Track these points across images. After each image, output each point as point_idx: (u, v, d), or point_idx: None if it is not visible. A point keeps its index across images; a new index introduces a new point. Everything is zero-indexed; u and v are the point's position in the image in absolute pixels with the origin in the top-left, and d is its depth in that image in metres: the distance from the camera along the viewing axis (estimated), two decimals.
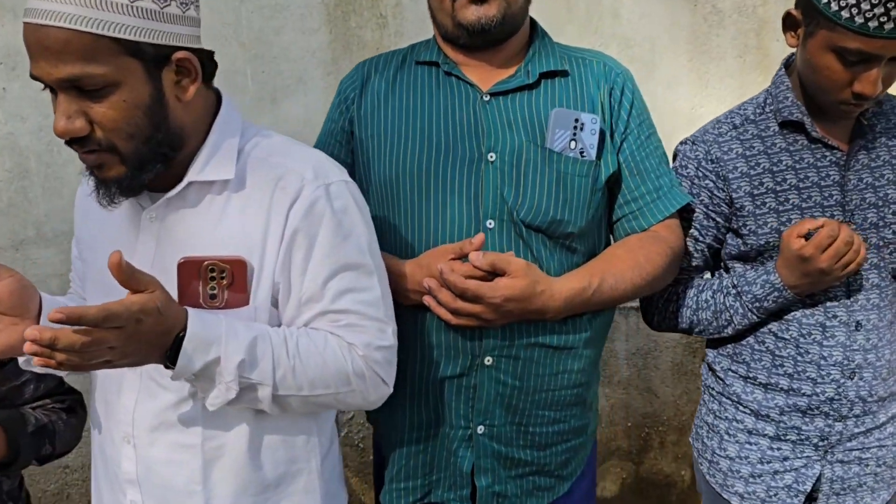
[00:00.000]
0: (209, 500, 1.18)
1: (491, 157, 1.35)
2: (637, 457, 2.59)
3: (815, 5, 1.29)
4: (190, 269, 1.12)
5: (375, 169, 1.41)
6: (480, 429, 1.35)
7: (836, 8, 1.26)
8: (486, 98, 1.39)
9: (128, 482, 1.20)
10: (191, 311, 1.07)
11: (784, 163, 1.43)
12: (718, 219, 1.48)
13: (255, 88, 2.05)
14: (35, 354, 0.94)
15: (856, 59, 1.29)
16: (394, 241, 1.38)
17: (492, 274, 1.25)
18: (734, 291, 1.46)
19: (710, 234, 1.50)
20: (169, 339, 1.04)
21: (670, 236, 1.42)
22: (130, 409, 1.18)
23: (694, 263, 1.53)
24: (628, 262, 1.36)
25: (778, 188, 1.43)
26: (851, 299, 1.42)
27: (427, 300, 1.29)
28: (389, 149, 1.40)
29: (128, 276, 0.98)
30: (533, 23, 1.48)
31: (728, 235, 1.50)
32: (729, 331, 1.50)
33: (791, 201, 1.42)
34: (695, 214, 1.50)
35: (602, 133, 1.39)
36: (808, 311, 1.44)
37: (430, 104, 1.41)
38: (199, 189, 1.15)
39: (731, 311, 1.47)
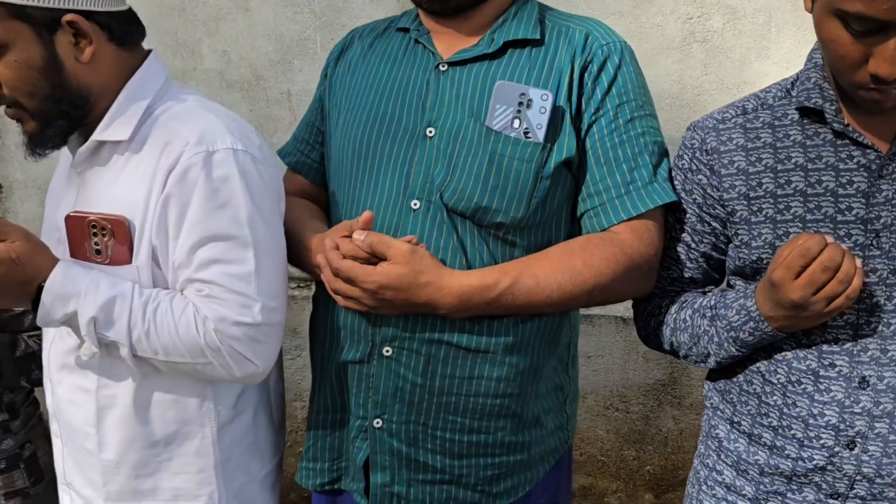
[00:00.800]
0: (102, 444, 1.23)
1: (430, 132, 1.23)
2: None
3: None
4: (76, 224, 1.16)
5: (330, 142, 1.36)
6: (377, 422, 1.25)
7: None
8: (444, 68, 1.27)
9: (51, 415, 1.31)
10: (60, 264, 1.11)
11: (793, 160, 1.13)
12: (714, 223, 1.21)
13: (324, 55, 2.07)
14: None
15: (862, 27, 0.96)
16: (334, 218, 1.32)
17: (378, 258, 1.14)
18: (710, 314, 1.19)
19: (706, 240, 1.23)
20: (31, 289, 1.09)
21: (632, 240, 1.20)
22: (47, 348, 1.27)
23: (687, 275, 1.28)
24: (560, 264, 1.17)
25: (779, 192, 1.13)
26: (859, 347, 1.09)
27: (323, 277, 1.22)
28: (342, 120, 1.33)
29: None
30: None
31: (730, 244, 1.22)
32: (711, 363, 1.23)
33: (793, 210, 1.12)
34: (687, 216, 1.24)
35: (558, 112, 1.20)
36: (800, 353, 1.13)
37: (389, 73, 1.31)
38: (109, 148, 1.19)
39: (708, 338, 1.20)
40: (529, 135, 1.19)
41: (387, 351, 1.22)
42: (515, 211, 1.20)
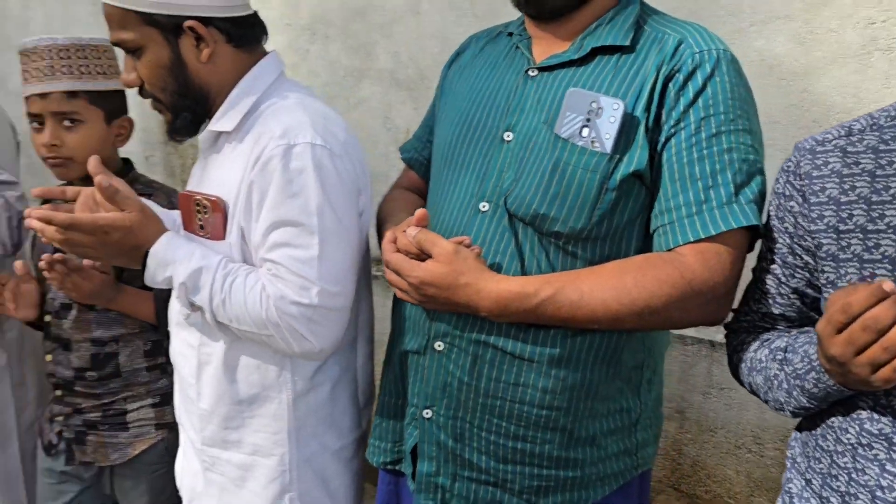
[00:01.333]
0: (200, 395, 1.41)
1: (507, 136, 1.24)
2: None
3: None
4: (186, 202, 1.33)
5: (433, 142, 1.42)
6: (427, 412, 1.28)
7: None
8: (533, 73, 1.26)
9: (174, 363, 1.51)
10: (165, 235, 1.29)
11: (892, 191, 0.97)
12: (806, 256, 1.08)
13: None
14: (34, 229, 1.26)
15: None
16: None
17: (426, 254, 1.18)
18: (780, 357, 1.07)
19: (798, 274, 1.10)
20: (140, 253, 1.28)
21: (696, 264, 1.11)
22: (173, 303, 1.47)
23: (777, 311, 1.15)
24: (610, 280, 1.12)
25: (870, 226, 0.98)
26: None
27: None
28: (442, 121, 1.38)
29: (109, 195, 1.25)
30: None
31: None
32: (787, 412, 1.09)
33: (882, 248, 0.96)
34: (778, 245, 1.12)
35: (632, 122, 1.15)
36: (874, 413, 0.97)
37: (487, 77, 1.34)
38: (223, 137, 1.35)
39: (777, 384, 1.07)
40: (596, 144, 1.15)
41: (438, 346, 1.25)
42: (575, 221, 1.16)
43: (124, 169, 1.81)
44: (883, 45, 1.71)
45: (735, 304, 1.20)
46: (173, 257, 1.27)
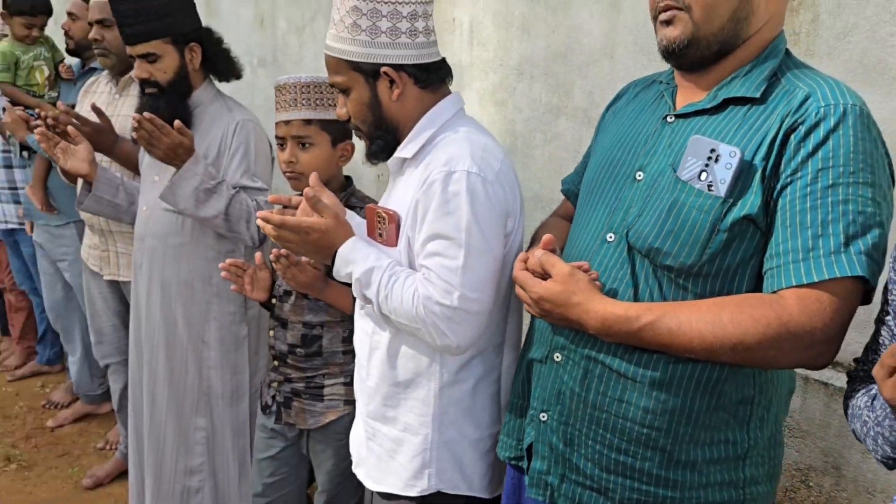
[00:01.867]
0: (369, 375, 1.69)
1: (639, 175, 1.37)
2: None
3: None
4: (370, 214, 1.63)
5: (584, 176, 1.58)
6: (543, 416, 1.43)
7: None
8: (670, 119, 1.39)
9: None
10: (351, 239, 1.59)
11: None
12: None
13: None
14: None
15: None
16: None
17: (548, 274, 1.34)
18: (870, 404, 1.08)
19: None
20: (331, 252, 1.60)
21: (794, 308, 1.16)
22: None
23: None
24: (707, 314, 1.20)
25: None
26: None
27: None
28: (592, 159, 1.54)
29: (312, 204, 1.58)
30: (773, 42, 1.34)
31: None
32: (880, 460, 1.10)
33: None
34: (892, 297, 1.13)
35: (748, 169, 1.23)
36: None
37: (634, 120, 1.48)
38: (407, 163, 1.63)
39: (866, 430, 1.08)
40: (712, 188, 1.24)
41: (557, 357, 1.41)
42: (686, 257, 1.26)
43: (345, 185, 2.18)
44: None
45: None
46: (354, 257, 1.57)
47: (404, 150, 1.61)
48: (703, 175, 1.26)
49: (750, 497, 1.37)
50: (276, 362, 2.19)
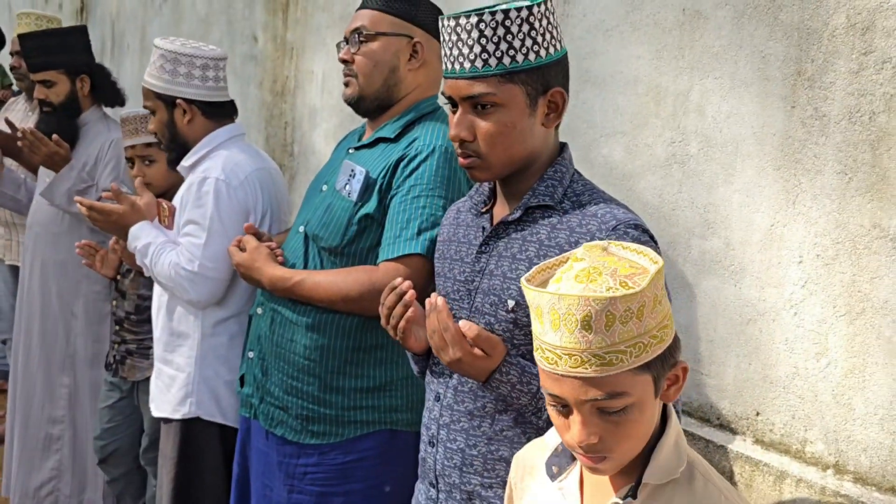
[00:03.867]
0: (156, 327, 2.28)
1: (324, 187, 1.99)
2: None
3: None
4: (158, 206, 2.25)
5: None
6: (250, 354, 2.02)
7: None
8: (351, 151, 2.00)
9: None
10: (143, 222, 2.21)
11: None
12: None
13: None
14: None
15: None
16: None
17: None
18: None
19: None
20: (125, 230, 2.21)
21: (381, 274, 1.75)
22: None
23: None
24: (331, 276, 1.82)
25: None
26: None
27: None
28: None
29: (115, 195, 2.20)
30: (417, 104, 1.94)
31: None
32: None
33: None
34: None
35: (373, 183, 1.83)
36: None
37: (338, 151, 2.10)
38: (188, 168, 2.24)
39: None
40: (350, 195, 1.85)
41: (259, 310, 2.01)
42: (332, 240, 1.86)
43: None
44: (679, 159, 2.21)
45: None
46: (138, 234, 2.18)
47: (187, 161, 2.22)
48: (347, 186, 1.87)
49: (391, 420, 1.94)
50: (116, 327, 2.77)
